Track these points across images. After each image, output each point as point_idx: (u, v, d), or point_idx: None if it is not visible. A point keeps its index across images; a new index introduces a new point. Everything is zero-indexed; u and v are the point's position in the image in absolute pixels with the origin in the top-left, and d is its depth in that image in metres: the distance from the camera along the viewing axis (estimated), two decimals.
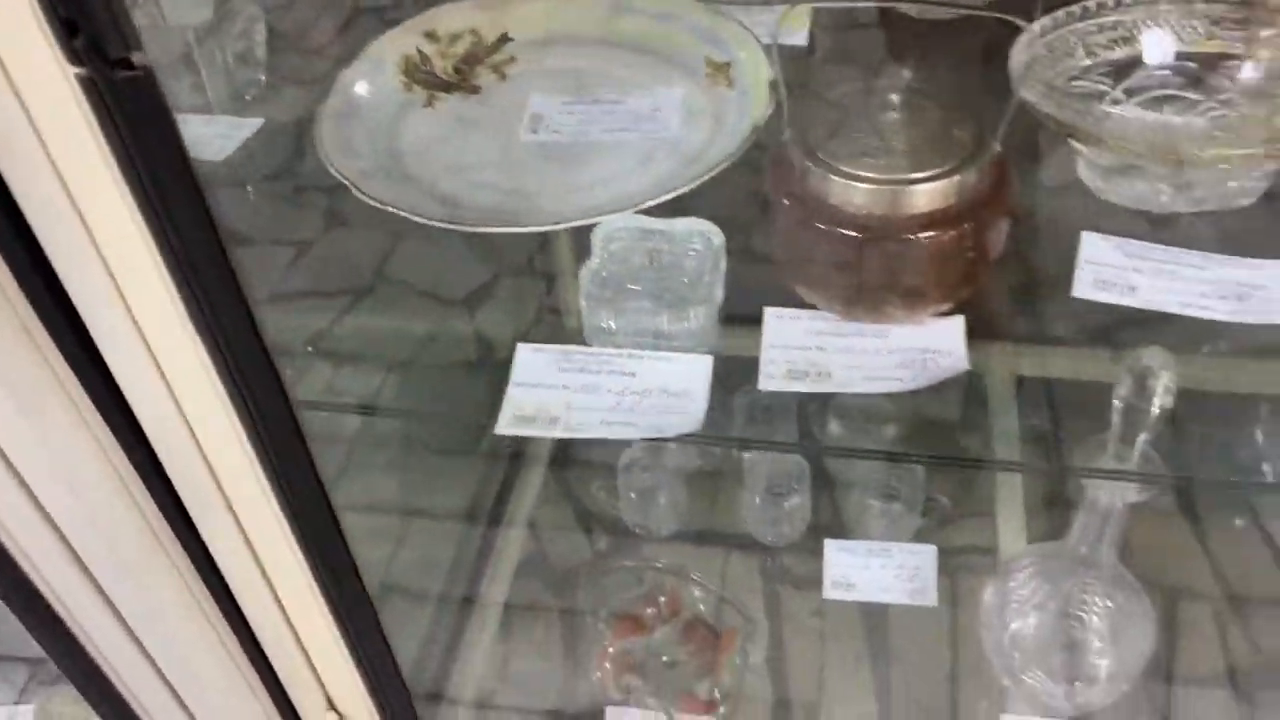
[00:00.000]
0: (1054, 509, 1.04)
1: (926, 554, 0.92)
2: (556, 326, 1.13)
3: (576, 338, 0.59)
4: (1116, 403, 0.65)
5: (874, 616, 1.05)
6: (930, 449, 1.04)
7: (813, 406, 0.93)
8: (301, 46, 0.84)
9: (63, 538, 0.50)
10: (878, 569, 0.94)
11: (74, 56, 0.37)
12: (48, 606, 0.52)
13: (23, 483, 0.47)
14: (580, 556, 1.14)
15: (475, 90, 0.73)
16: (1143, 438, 0.66)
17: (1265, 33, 0.56)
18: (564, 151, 0.68)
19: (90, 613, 0.53)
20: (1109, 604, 0.84)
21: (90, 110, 0.38)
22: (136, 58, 0.38)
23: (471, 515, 1.20)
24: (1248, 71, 0.57)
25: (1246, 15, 0.58)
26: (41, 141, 0.40)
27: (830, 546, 0.93)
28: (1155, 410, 0.64)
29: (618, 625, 0.92)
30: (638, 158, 0.66)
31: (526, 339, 0.60)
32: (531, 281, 1.18)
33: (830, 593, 0.92)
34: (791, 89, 0.65)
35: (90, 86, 0.38)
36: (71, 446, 0.47)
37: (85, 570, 0.51)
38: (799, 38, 0.76)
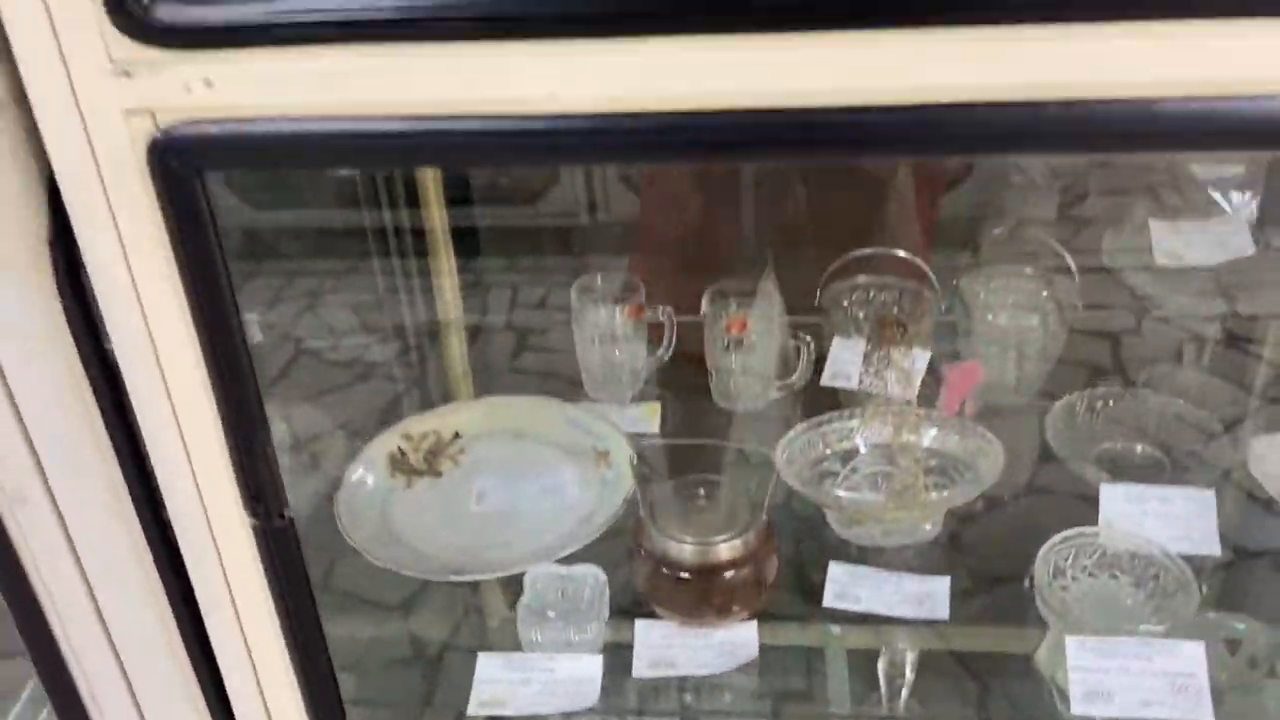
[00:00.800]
0: None
1: None
2: (480, 627, 1.39)
3: (498, 636, 0.89)
4: (880, 671, 0.99)
5: None
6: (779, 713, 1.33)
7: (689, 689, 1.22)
8: (313, 445, 1.19)
9: None
10: None
11: (253, 512, 0.70)
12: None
13: None
14: None
15: (439, 474, 1.08)
16: (904, 694, 0.99)
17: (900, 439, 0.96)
18: (499, 516, 1.03)
19: None
20: None
21: (254, 542, 0.71)
22: (287, 512, 0.71)
23: None
24: (902, 461, 0.97)
25: (898, 420, 0.98)
26: (218, 552, 0.71)
27: None
28: (908, 676, 0.98)
29: None
30: (548, 520, 1.01)
31: (456, 638, 0.89)
32: (459, 588, 1.45)
33: None
34: (647, 473, 1.01)
35: (258, 532, 0.70)
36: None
37: None
38: (652, 425, 1.14)
